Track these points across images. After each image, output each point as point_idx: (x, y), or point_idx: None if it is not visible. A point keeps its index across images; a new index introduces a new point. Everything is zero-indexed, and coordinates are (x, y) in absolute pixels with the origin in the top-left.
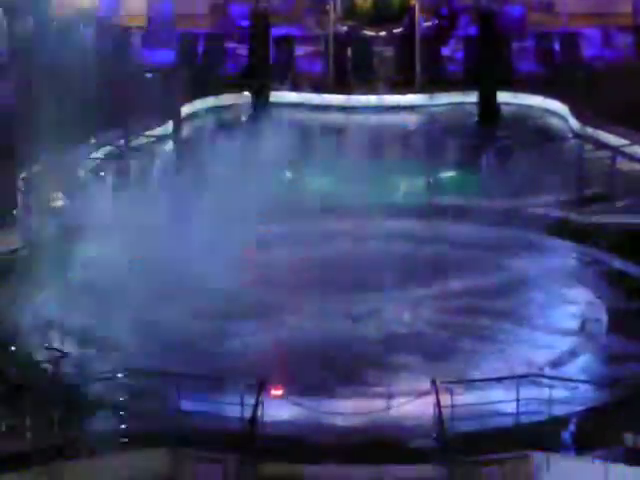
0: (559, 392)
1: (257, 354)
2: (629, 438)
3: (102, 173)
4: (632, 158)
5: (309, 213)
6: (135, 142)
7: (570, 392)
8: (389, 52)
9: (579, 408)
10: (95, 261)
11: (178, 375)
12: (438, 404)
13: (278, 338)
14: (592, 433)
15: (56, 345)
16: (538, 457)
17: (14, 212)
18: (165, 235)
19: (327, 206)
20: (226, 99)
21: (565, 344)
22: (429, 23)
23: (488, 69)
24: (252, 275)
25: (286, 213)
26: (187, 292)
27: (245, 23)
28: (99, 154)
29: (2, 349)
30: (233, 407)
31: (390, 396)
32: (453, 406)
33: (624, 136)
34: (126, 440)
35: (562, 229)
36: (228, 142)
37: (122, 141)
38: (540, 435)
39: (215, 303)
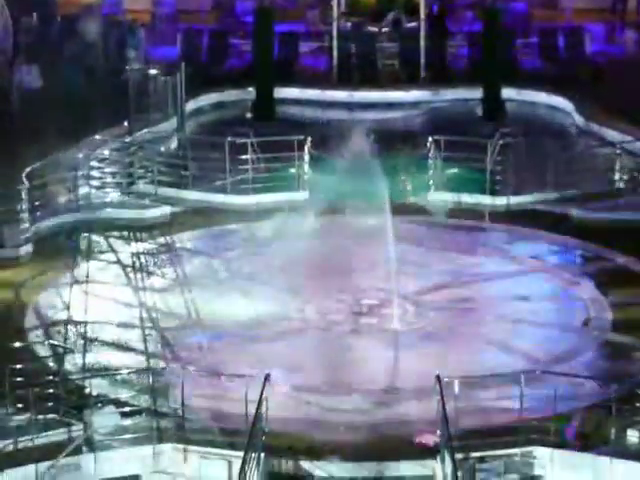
0: (563, 388)
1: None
2: (633, 434)
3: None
4: (636, 154)
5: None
6: (139, 138)
7: (574, 388)
8: (393, 48)
9: (583, 404)
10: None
11: (182, 371)
12: (442, 400)
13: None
14: (596, 429)
15: (60, 341)
16: (542, 453)
17: (18, 208)
18: None
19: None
20: (230, 95)
21: (569, 340)
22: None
23: (492, 65)
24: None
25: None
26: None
27: (249, 19)
28: (104, 150)
29: (6, 346)
30: (237, 403)
31: (394, 392)
32: (457, 402)
33: (628, 132)
34: (130, 436)
35: (565, 225)
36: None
37: (127, 137)
38: (544, 431)
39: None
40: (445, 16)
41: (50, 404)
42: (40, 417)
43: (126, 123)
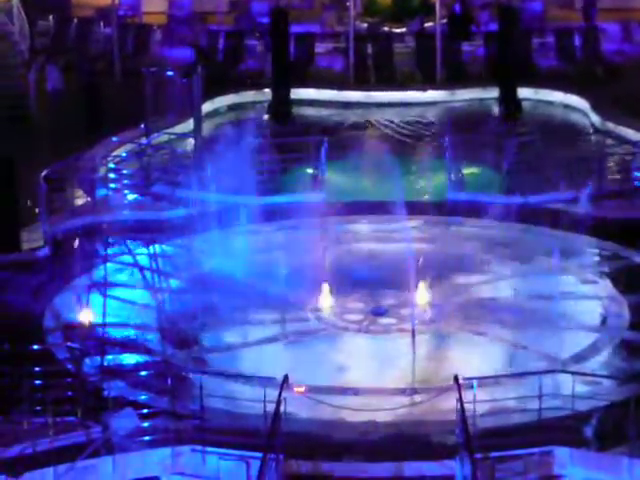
0: (582, 387)
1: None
2: None
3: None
4: None
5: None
6: (156, 140)
7: (593, 387)
8: (409, 48)
9: (602, 403)
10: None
11: (200, 372)
12: (461, 400)
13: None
14: (615, 428)
15: (78, 343)
16: (561, 453)
17: (36, 211)
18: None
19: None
20: (246, 96)
21: (587, 339)
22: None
23: (509, 65)
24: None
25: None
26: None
27: (265, 20)
28: (120, 152)
29: (25, 347)
30: (255, 404)
31: (413, 392)
32: (476, 402)
33: None
34: (149, 438)
35: (582, 224)
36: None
37: (143, 139)
38: (563, 431)
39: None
40: (470, 16)
41: (68, 406)
42: (58, 419)
43: (143, 125)
